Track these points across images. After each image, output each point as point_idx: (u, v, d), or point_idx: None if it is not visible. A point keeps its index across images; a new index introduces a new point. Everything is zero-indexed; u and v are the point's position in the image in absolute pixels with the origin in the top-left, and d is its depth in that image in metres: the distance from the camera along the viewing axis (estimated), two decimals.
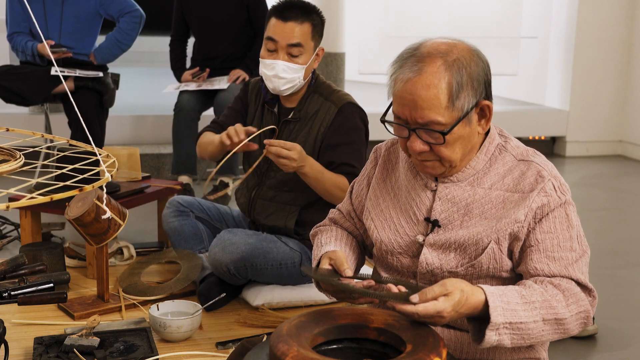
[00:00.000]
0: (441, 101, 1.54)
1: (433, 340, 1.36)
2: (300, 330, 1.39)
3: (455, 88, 1.55)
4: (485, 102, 1.60)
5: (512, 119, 6.11)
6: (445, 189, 1.68)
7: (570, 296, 1.56)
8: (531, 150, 1.68)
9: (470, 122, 1.59)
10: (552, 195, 1.59)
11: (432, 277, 1.70)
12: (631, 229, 4.22)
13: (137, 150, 3.30)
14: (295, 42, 2.52)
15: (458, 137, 1.59)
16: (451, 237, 1.66)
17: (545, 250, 1.59)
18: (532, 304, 1.51)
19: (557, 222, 1.59)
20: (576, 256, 1.59)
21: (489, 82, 1.62)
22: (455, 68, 1.55)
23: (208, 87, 4.26)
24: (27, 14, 4.09)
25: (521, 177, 1.63)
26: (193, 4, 4.36)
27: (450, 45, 1.59)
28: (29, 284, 1.88)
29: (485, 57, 1.64)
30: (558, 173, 1.65)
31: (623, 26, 6.08)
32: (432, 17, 6.33)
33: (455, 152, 1.61)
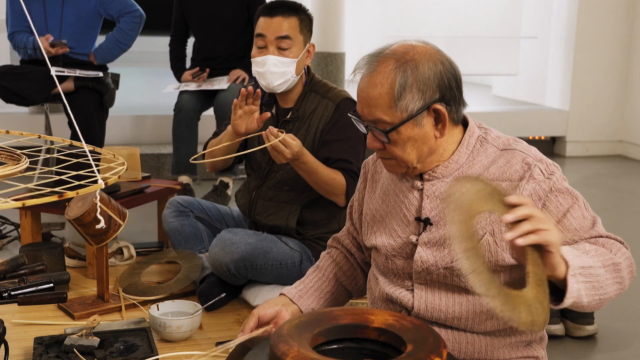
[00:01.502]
0: (385, 100, 1.58)
1: (433, 340, 1.36)
2: (300, 330, 1.39)
3: (397, 89, 1.57)
4: (437, 106, 1.59)
5: (512, 119, 6.11)
6: (431, 187, 1.69)
7: (612, 245, 1.55)
8: (512, 139, 1.68)
9: (420, 124, 1.60)
10: (542, 180, 1.60)
11: (427, 275, 1.70)
12: (631, 229, 4.22)
13: (137, 150, 3.30)
14: (283, 35, 2.55)
15: (407, 139, 1.61)
16: (441, 233, 1.67)
17: (564, 227, 1.58)
18: (587, 252, 1.49)
19: (561, 199, 1.59)
20: (591, 222, 1.60)
21: (451, 87, 1.61)
22: (402, 69, 1.57)
23: (208, 87, 4.26)
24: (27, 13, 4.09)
25: (507, 165, 1.63)
26: (193, 4, 4.36)
27: (412, 47, 1.62)
28: (29, 284, 1.88)
29: (452, 64, 1.63)
30: (542, 155, 1.65)
31: (623, 26, 6.08)
32: (432, 17, 6.33)
33: (407, 153, 1.63)
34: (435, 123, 1.62)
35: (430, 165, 1.67)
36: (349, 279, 1.97)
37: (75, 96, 3.98)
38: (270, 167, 2.65)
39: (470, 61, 6.75)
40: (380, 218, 1.80)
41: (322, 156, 2.53)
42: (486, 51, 6.61)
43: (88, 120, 3.94)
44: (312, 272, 1.97)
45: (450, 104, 1.61)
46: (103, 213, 2.46)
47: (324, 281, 1.94)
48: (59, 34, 4.04)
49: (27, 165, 1.34)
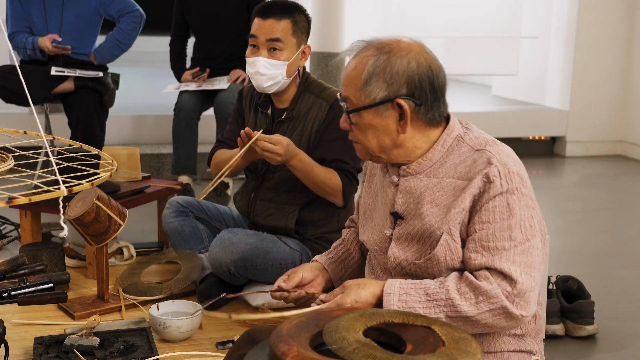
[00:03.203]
0: (355, 82, 1.65)
1: (433, 341, 1.36)
2: (300, 330, 1.39)
3: (366, 74, 1.63)
4: (401, 101, 1.62)
5: (512, 119, 6.11)
6: (405, 182, 1.72)
7: (482, 293, 1.56)
8: (491, 140, 1.69)
9: (381, 114, 1.65)
10: (494, 182, 1.59)
11: (401, 270, 1.74)
12: (631, 229, 4.22)
13: (137, 150, 3.30)
14: (273, 37, 2.54)
15: (368, 125, 1.67)
16: (410, 228, 1.70)
17: (480, 239, 1.60)
18: (435, 302, 1.58)
19: (497, 212, 1.59)
20: (513, 245, 1.58)
21: (422, 88, 1.63)
22: (376, 57, 1.64)
23: (208, 87, 4.26)
24: (27, 13, 4.09)
25: (472, 165, 1.64)
26: (193, 4, 4.35)
27: (398, 42, 1.66)
28: (29, 284, 1.88)
29: (432, 67, 1.65)
30: (512, 162, 1.63)
31: (623, 26, 6.08)
32: (432, 17, 6.33)
33: (368, 140, 1.69)
34: (400, 118, 1.65)
35: (397, 159, 1.71)
36: None
37: (75, 96, 3.98)
38: (267, 168, 2.65)
39: (470, 61, 6.75)
40: (370, 213, 1.85)
41: (318, 157, 2.53)
42: (486, 51, 6.61)
43: (88, 120, 3.93)
44: (338, 244, 2.05)
45: (420, 105, 1.64)
46: (107, 206, 2.47)
47: (350, 253, 2.01)
48: (59, 34, 4.04)
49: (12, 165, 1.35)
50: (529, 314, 1.58)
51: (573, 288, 2.76)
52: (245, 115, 2.76)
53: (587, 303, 2.67)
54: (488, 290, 1.56)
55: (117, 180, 3.18)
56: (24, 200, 1.14)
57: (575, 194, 4.98)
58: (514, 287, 1.56)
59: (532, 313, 1.59)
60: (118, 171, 3.20)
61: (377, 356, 1.27)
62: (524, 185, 1.62)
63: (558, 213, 4.48)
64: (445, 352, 1.31)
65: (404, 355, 1.30)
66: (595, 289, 2.94)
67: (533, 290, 1.58)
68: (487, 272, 1.58)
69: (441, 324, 1.41)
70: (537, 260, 1.60)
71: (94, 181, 1.28)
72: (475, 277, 1.59)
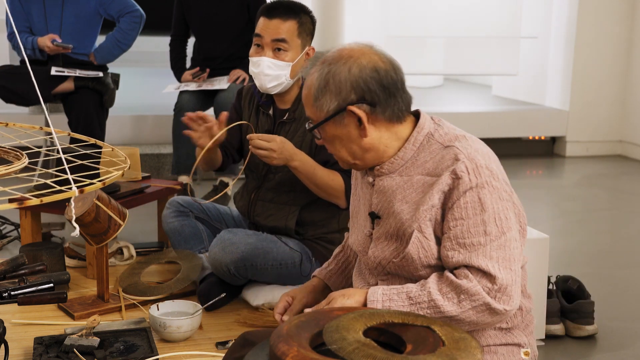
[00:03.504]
0: (310, 100, 1.70)
1: (433, 341, 1.36)
2: (300, 330, 1.39)
3: (315, 89, 1.67)
4: (353, 108, 1.65)
5: (512, 119, 6.11)
6: (380, 182, 1.75)
7: (463, 292, 1.57)
8: (460, 136, 1.69)
9: (341, 124, 1.68)
10: (462, 178, 1.59)
11: (382, 269, 1.76)
12: (631, 229, 4.22)
13: (137, 150, 3.29)
14: (279, 38, 2.54)
15: (333, 137, 1.70)
16: (387, 227, 1.72)
17: (455, 237, 1.60)
18: (418, 304, 1.59)
19: (469, 207, 1.59)
20: (489, 239, 1.59)
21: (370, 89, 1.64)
22: (319, 71, 1.67)
23: (208, 87, 4.26)
24: (27, 13, 4.09)
25: (440, 161, 1.65)
26: (193, 4, 4.35)
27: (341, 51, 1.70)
28: (29, 284, 1.88)
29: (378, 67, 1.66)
30: (480, 156, 1.63)
31: (623, 26, 6.08)
32: (432, 17, 6.33)
33: (338, 150, 1.72)
34: (359, 124, 1.67)
35: (372, 162, 1.73)
36: None
37: (75, 96, 3.98)
38: (267, 169, 2.65)
39: (470, 61, 6.75)
40: (355, 215, 1.87)
41: (321, 159, 2.52)
42: (486, 51, 6.61)
43: (88, 120, 3.93)
44: (338, 252, 2.07)
45: (374, 105, 1.65)
46: (107, 206, 2.47)
47: (349, 262, 2.03)
48: (59, 34, 4.04)
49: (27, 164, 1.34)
50: (512, 307, 1.59)
51: (573, 288, 2.76)
52: (244, 115, 2.75)
53: (587, 303, 2.67)
54: (469, 288, 1.57)
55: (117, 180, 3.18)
56: (35, 202, 1.13)
57: (575, 194, 4.98)
58: (494, 283, 1.57)
59: (515, 306, 1.60)
60: None
61: (377, 356, 1.27)
62: (494, 178, 1.62)
63: (558, 213, 4.48)
64: (445, 352, 1.31)
65: (404, 355, 1.30)
66: (595, 289, 2.94)
67: (514, 284, 1.59)
68: (467, 270, 1.59)
69: (441, 324, 1.41)
70: (516, 252, 1.61)
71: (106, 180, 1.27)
72: (455, 276, 1.60)
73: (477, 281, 1.57)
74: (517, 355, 1.73)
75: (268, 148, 2.37)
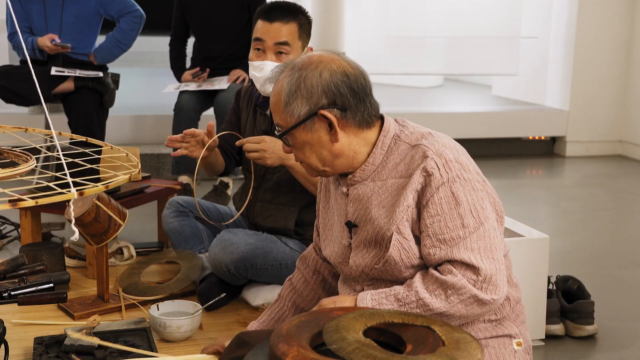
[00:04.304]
0: (279, 107, 1.68)
1: (433, 340, 1.36)
2: (300, 330, 1.39)
3: (285, 96, 1.66)
4: (325, 112, 1.65)
5: (512, 119, 6.11)
6: (354, 191, 1.74)
7: (449, 287, 1.58)
8: (426, 133, 1.70)
9: (312, 129, 1.67)
10: (433, 174, 1.60)
11: (366, 276, 1.76)
12: (631, 229, 4.22)
13: (137, 150, 3.29)
14: (282, 41, 2.53)
15: (303, 143, 1.69)
16: (365, 234, 1.72)
17: (434, 234, 1.61)
18: (407, 305, 1.60)
19: (444, 203, 1.60)
20: (468, 232, 1.60)
21: (341, 93, 1.65)
22: (290, 76, 1.67)
23: (208, 87, 4.26)
24: (27, 13, 4.09)
25: (410, 162, 1.66)
26: (193, 4, 4.35)
27: (310, 57, 1.68)
28: (29, 284, 1.88)
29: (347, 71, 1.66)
30: (448, 151, 1.65)
31: (623, 26, 6.08)
32: (432, 17, 6.32)
33: (307, 157, 1.71)
34: (330, 128, 1.67)
35: (342, 168, 1.72)
36: (309, 303, 2.02)
37: (75, 96, 3.98)
38: (265, 169, 2.65)
39: (470, 61, 6.75)
40: (330, 227, 1.86)
41: None
42: (486, 51, 6.60)
43: (88, 120, 3.93)
44: (275, 303, 2.05)
45: (345, 110, 1.65)
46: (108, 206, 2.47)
47: (284, 312, 2.01)
48: (59, 34, 4.04)
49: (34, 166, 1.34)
50: (500, 296, 1.60)
51: (573, 288, 2.76)
52: (243, 116, 2.75)
53: (587, 303, 2.67)
54: (454, 282, 1.57)
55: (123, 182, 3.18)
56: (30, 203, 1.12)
57: (575, 194, 4.97)
58: (479, 274, 1.58)
59: (503, 294, 1.60)
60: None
61: (377, 356, 1.27)
62: (465, 170, 1.63)
63: (558, 213, 4.48)
64: (445, 352, 1.31)
65: (404, 355, 1.30)
66: (595, 289, 2.94)
67: (499, 272, 1.60)
68: (450, 265, 1.60)
69: (441, 324, 1.41)
70: (496, 241, 1.62)
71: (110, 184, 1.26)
72: (440, 272, 1.61)
73: (462, 275, 1.58)
74: (509, 346, 1.73)
75: (258, 149, 2.38)
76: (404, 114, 5.89)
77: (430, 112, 6.15)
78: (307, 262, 2.05)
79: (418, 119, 5.82)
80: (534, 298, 2.59)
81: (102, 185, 1.22)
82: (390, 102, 6.74)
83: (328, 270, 2.01)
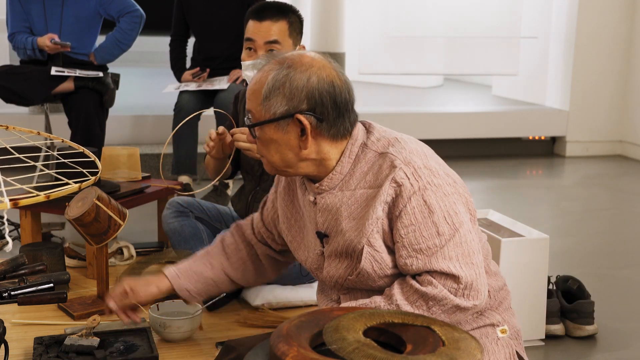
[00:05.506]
0: (257, 97, 1.63)
1: (433, 340, 1.36)
2: (300, 330, 1.39)
3: (266, 88, 1.61)
4: (301, 117, 1.60)
5: (512, 119, 6.11)
6: (321, 200, 1.70)
7: (430, 299, 1.57)
8: (392, 139, 1.67)
9: (283, 130, 1.62)
10: (404, 184, 1.58)
11: (340, 286, 1.75)
12: (631, 229, 4.22)
13: (137, 150, 3.29)
14: (272, 40, 2.54)
15: (270, 140, 1.64)
16: (336, 245, 1.69)
17: (410, 244, 1.59)
18: None
19: (417, 212, 1.58)
20: (444, 240, 1.58)
21: (323, 103, 1.61)
22: (277, 71, 1.61)
23: (208, 87, 4.26)
24: (27, 13, 4.09)
25: (379, 172, 1.63)
26: (193, 4, 4.35)
27: (301, 57, 1.64)
28: (29, 284, 1.88)
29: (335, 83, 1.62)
30: (416, 157, 1.62)
31: (623, 26, 6.08)
32: (432, 17, 6.33)
33: (271, 154, 1.66)
34: (301, 134, 1.63)
35: (306, 172, 1.68)
36: (235, 271, 2.00)
37: (75, 96, 3.98)
38: (262, 169, 2.65)
39: (470, 61, 6.75)
40: (299, 230, 1.83)
41: None
42: (486, 51, 6.61)
43: (88, 120, 3.93)
44: (202, 256, 2.03)
45: (321, 120, 1.61)
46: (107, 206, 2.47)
47: (208, 268, 2.00)
48: (58, 34, 4.04)
49: None
50: (481, 300, 1.59)
51: (573, 288, 2.76)
52: (240, 118, 2.76)
53: (587, 303, 2.67)
54: (435, 294, 1.56)
55: (117, 180, 3.18)
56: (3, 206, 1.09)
57: (575, 194, 4.97)
58: (459, 282, 1.57)
59: (484, 297, 1.60)
60: (118, 171, 3.20)
61: (377, 356, 1.27)
62: (434, 175, 1.61)
63: (558, 213, 4.48)
64: (445, 352, 1.31)
65: (404, 355, 1.30)
66: (595, 289, 2.94)
67: (479, 277, 1.59)
68: (429, 275, 1.58)
69: (441, 324, 1.41)
70: (473, 244, 1.61)
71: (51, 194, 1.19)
72: (420, 283, 1.59)
73: (442, 285, 1.57)
74: (492, 335, 1.71)
75: (247, 140, 2.37)
76: (404, 114, 5.89)
77: (430, 112, 6.15)
78: (242, 234, 2.02)
79: (418, 119, 5.85)
80: (534, 298, 2.59)
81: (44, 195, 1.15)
82: (390, 102, 6.74)
83: (261, 250, 2.00)
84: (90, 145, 3.80)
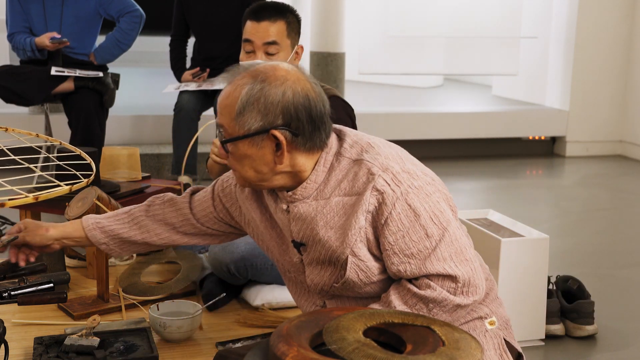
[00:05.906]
0: (229, 112, 1.58)
1: (433, 340, 1.36)
2: (300, 330, 1.39)
3: (240, 104, 1.56)
4: (276, 132, 1.57)
5: (512, 119, 6.11)
6: (294, 209, 1.67)
7: (430, 302, 1.57)
8: (365, 144, 1.64)
9: (258, 145, 1.58)
10: (385, 192, 1.56)
11: (325, 293, 1.74)
12: (631, 229, 4.22)
13: (137, 150, 3.29)
14: (270, 41, 2.54)
15: (244, 155, 1.60)
16: (316, 253, 1.68)
17: (401, 250, 1.58)
18: None
19: (403, 217, 1.56)
20: (435, 242, 1.57)
21: (299, 118, 1.57)
22: (250, 86, 1.56)
23: (208, 87, 4.26)
24: (27, 13, 4.09)
25: (355, 179, 1.61)
26: (193, 4, 4.36)
27: (275, 69, 1.59)
28: (29, 284, 1.88)
29: (310, 96, 1.59)
30: (393, 162, 1.60)
31: (623, 26, 6.08)
32: (432, 17, 6.33)
33: (244, 169, 1.62)
34: (276, 149, 1.59)
35: (280, 184, 1.65)
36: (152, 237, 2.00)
37: (75, 96, 3.98)
38: None
39: (470, 61, 6.75)
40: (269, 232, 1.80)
41: None
42: (486, 51, 6.61)
43: (88, 120, 3.94)
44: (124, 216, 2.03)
45: (297, 135, 1.58)
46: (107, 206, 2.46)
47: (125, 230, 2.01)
48: (58, 34, 4.04)
49: None
50: (480, 294, 1.59)
51: (573, 288, 2.76)
52: None
53: (587, 303, 2.67)
54: (435, 297, 1.56)
55: (117, 180, 3.18)
56: None
57: (575, 194, 4.98)
58: (457, 281, 1.57)
59: (483, 291, 1.60)
60: (118, 171, 3.20)
61: (377, 356, 1.27)
62: (413, 178, 1.59)
63: (558, 213, 4.48)
64: (445, 352, 1.31)
65: (404, 355, 1.30)
66: (595, 289, 2.95)
67: (475, 272, 1.58)
68: (427, 279, 1.58)
69: (441, 324, 1.41)
70: (463, 240, 1.60)
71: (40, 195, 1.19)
72: (417, 287, 1.58)
73: (440, 287, 1.56)
74: (481, 327, 1.70)
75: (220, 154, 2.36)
76: (404, 114, 5.89)
77: (430, 112, 6.15)
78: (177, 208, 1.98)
79: (418, 119, 5.86)
80: (534, 298, 2.59)
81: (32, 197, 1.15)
82: (390, 102, 6.74)
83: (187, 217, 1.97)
84: (90, 145, 3.80)
